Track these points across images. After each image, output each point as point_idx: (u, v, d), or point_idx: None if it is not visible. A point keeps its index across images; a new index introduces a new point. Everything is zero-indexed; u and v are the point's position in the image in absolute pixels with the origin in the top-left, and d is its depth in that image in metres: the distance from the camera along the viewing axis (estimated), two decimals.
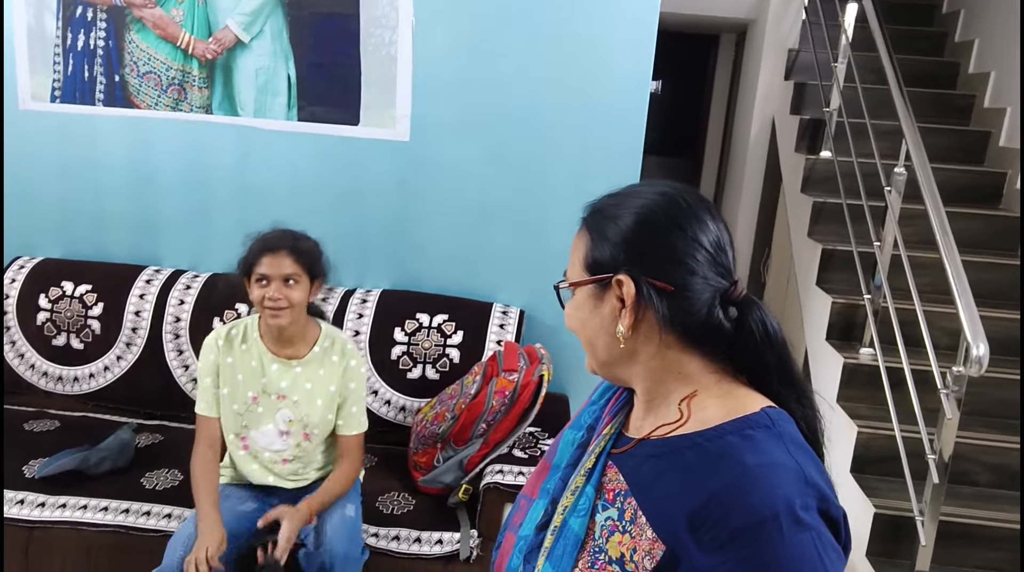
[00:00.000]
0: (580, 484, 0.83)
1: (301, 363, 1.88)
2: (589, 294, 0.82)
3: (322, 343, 1.91)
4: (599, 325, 0.82)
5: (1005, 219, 3.25)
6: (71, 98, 2.57)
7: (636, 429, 0.84)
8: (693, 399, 0.79)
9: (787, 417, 0.76)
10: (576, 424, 0.94)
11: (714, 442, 0.73)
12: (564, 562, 0.79)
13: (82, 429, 2.38)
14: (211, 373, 1.86)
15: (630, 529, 0.76)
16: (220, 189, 2.64)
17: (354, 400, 1.93)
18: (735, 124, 4.87)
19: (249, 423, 1.87)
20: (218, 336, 1.88)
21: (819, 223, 3.29)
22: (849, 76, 3.28)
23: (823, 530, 0.67)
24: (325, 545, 1.76)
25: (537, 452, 2.12)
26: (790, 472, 0.68)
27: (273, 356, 1.88)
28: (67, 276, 2.57)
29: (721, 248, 0.79)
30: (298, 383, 1.88)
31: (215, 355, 1.86)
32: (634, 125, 2.48)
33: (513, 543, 0.89)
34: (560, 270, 0.88)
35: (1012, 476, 2.47)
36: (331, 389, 1.90)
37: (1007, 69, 3.59)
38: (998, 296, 2.96)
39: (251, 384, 1.86)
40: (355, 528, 1.85)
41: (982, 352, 1.99)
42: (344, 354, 1.92)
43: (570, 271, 0.85)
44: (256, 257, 1.77)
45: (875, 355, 2.61)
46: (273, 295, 1.75)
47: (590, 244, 0.82)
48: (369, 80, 2.49)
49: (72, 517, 1.97)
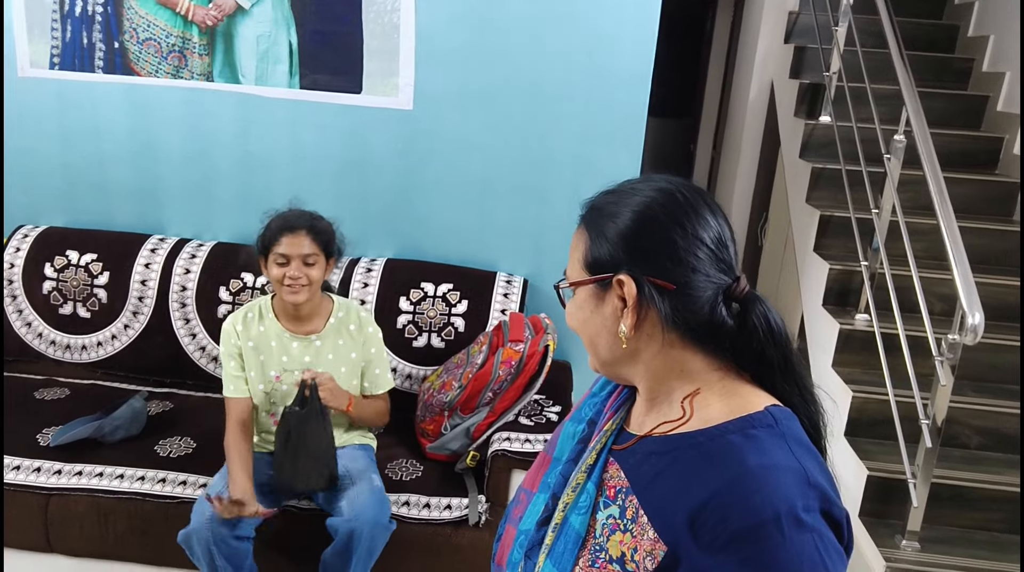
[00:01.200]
0: (581, 481, 0.82)
1: (320, 337, 1.97)
2: (590, 294, 0.81)
3: (336, 314, 2.01)
4: (600, 325, 0.81)
5: (1002, 184, 3.28)
6: (70, 65, 2.55)
7: (638, 426, 0.83)
8: (696, 397, 0.78)
9: (791, 415, 0.75)
10: (576, 417, 0.93)
11: (716, 441, 0.72)
12: (565, 560, 0.78)
13: (92, 397, 2.41)
14: (234, 357, 1.94)
15: (631, 528, 0.75)
16: (222, 157, 2.64)
17: (377, 362, 2.05)
18: (733, 87, 4.85)
19: (277, 400, 1.97)
20: (235, 321, 1.95)
21: (817, 189, 3.30)
22: (849, 40, 3.26)
23: (825, 531, 0.67)
24: (357, 512, 1.82)
25: (543, 419, 2.17)
26: (792, 473, 0.68)
27: (292, 334, 1.96)
28: (72, 245, 2.58)
29: (723, 244, 0.78)
30: (320, 356, 1.97)
31: (236, 339, 1.94)
32: (638, 91, 2.47)
33: (514, 536, 0.88)
34: (561, 239, 0.88)
35: (1001, 439, 2.54)
36: (352, 356, 2.00)
37: (1007, 32, 3.58)
38: (993, 261, 3.00)
39: (272, 364, 1.95)
40: (383, 497, 1.92)
41: (977, 321, 2.03)
42: (360, 322, 2.03)
43: (570, 270, 0.84)
44: (276, 237, 1.84)
45: (870, 321, 2.65)
46: (294, 274, 1.83)
47: (589, 243, 0.81)
48: (371, 48, 2.47)
49: (89, 484, 2.02)
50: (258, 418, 2.00)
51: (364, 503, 1.83)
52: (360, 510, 1.82)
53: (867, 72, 2.96)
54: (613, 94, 2.47)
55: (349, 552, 1.80)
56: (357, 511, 1.81)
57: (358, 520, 1.80)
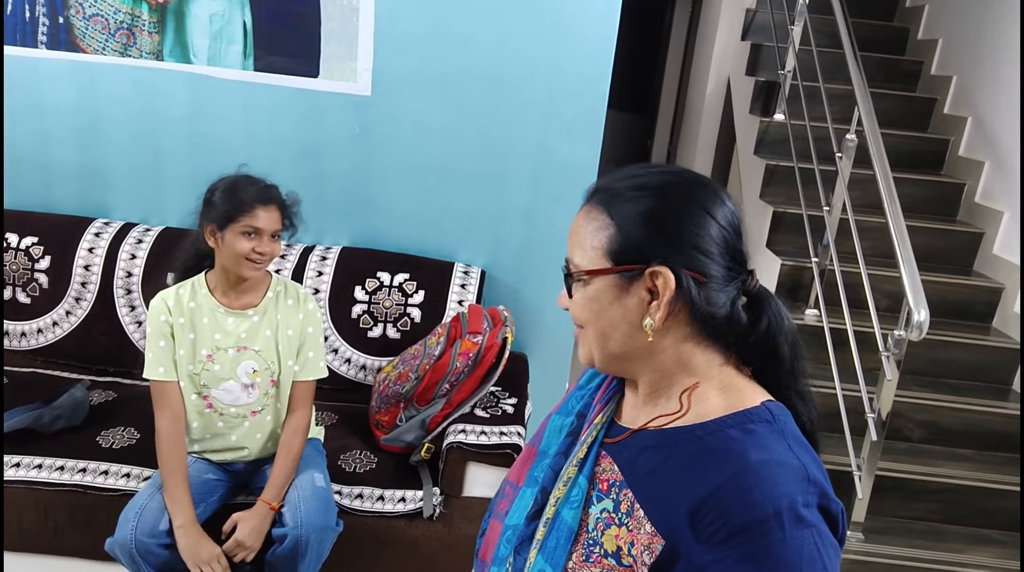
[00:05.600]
0: (572, 475, 0.81)
1: (256, 311, 1.84)
2: (610, 284, 0.76)
3: (275, 288, 1.88)
4: (620, 317, 0.77)
5: (947, 185, 3.38)
6: (11, 39, 2.44)
7: (630, 419, 0.83)
8: (695, 390, 0.77)
9: (787, 411, 0.75)
10: (564, 409, 0.92)
11: (715, 436, 0.72)
12: (558, 555, 0.77)
13: (32, 385, 2.32)
14: (164, 335, 1.79)
15: (627, 522, 0.74)
16: (171, 139, 2.56)
17: (311, 345, 1.90)
18: (691, 82, 4.90)
19: (208, 382, 1.82)
20: (165, 297, 1.81)
21: (771, 185, 3.36)
22: (805, 39, 3.32)
23: (823, 528, 0.67)
24: (301, 518, 1.73)
25: (499, 411, 2.16)
26: (792, 470, 0.68)
27: (227, 310, 1.82)
28: (11, 227, 2.48)
29: (739, 233, 0.77)
30: (258, 331, 1.84)
31: (166, 316, 1.79)
32: (599, 82, 2.46)
33: (499, 532, 0.87)
34: (520, 229, 0.84)
35: (941, 433, 2.62)
36: (288, 333, 1.86)
37: (955, 37, 3.68)
38: (936, 259, 3.09)
39: (204, 342, 1.81)
40: (328, 497, 1.83)
41: (923, 318, 2.09)
42: (299, 299, 1.90)
43: (582, 258, 0.78)
44: (249, 208, 1.71)
45: (820, 316, 2.71)
46: (264, 249, 1.73)
47: (614, 230, 0.76)
48: (329, 31, 2.42)
49: (27, 476, 1.94)
50: (187, 405, 1.83)
51: (308, 510, 1.74)
52: (304, 517, 1.73)
53: (821, 71, 3.01)
54: (574, 85, 2.46)
55: (295, 559, 1.73)
56: (301, 518, 1.73)
57: (303, 528, 1.71)
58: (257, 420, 1.87)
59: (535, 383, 2.54)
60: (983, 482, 2.44)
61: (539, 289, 2.63)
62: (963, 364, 2.80)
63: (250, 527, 1.72)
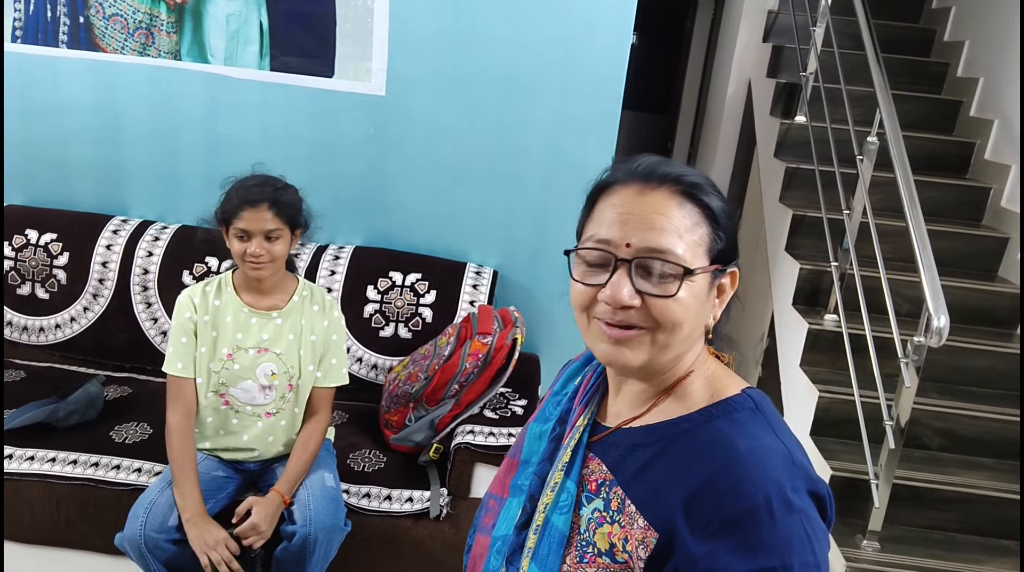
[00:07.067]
0: (560, 480, 0.81)
1: (281, 314, 1.85)
2: (708, 283, 0.75)
3: (300, 292, 1.88)
4: (704, 316, 0.77)
5: (972, 189, 3.31)
6: (33, 39, 2.48)
7: (614, 416, 0.83)
8: (684, 381, 0.78)
9: (766, 397, 0.77)
10: (542, 417, 0.92)
11: (703, 428, 0.73)
12: (551, 561, 0.77)
13: (48, 380, 2.35)
14: (187, 332, 1.80)
15: (619, 519, 0.74)
16: (188, 138, 2.58)
17: (335, 352, 1.91)
18: (711, 84, 4.86)
19: (226, 381, 1.83)
20: (192, 294, 1.82)
21: (791, 188, 3.31)
22: (827, 40, 3.27)
23: (812, 512, 0.68)
24: (310, 517, 1.74)
25: (508, 413, 2.15)
26: (779, 455, 0.69)
27: (251, 310, 1.83)
28: (31, 224, 2.51)
29: None
30: (280, 334, 1.84)
31: (191, 313, 1.80)
32: (613, 83, 2.45)
33: (487, 545, 0.87)
34: (532, 230, 0.84)
35: (960, 441, 2.56)
36: (312, 338, 1.86)
37: (982, 39, 3.61)
38: (959, 264, 3.03)
39: (225, 341, 1.82)
40: (337, 497, 1.84)
41: (943, 324, 2.04)
42: (325, 305, 1.90)
43: (685, 252, 0.72)
44: (235, 211, 1.70)
45: (839, 321, 2.67)
46: (255, 251, 1.70)
47: (709, 227, 0.74)
48: (344, 31, 2.43)
49: (41, 469, 1.97)
50: (202, 402, 1.84)
51: (317, 509, 1.75)
52: (313, 516, 1.74)
53: (843, 73, 2.97)
54: (589, 85, 2.45)
55: (304, 557, 1.74)
56: (310, 517, 1.74)
57: (312, 526, 1.72)
58: (271, 422, 1.88)
59: (546, 384, 2.52)
60: (1002, 492, 2.38)
61: (551, 290, 2.61)
62: (984, 371, 2.73)
63: (264, 512, 1.73)
